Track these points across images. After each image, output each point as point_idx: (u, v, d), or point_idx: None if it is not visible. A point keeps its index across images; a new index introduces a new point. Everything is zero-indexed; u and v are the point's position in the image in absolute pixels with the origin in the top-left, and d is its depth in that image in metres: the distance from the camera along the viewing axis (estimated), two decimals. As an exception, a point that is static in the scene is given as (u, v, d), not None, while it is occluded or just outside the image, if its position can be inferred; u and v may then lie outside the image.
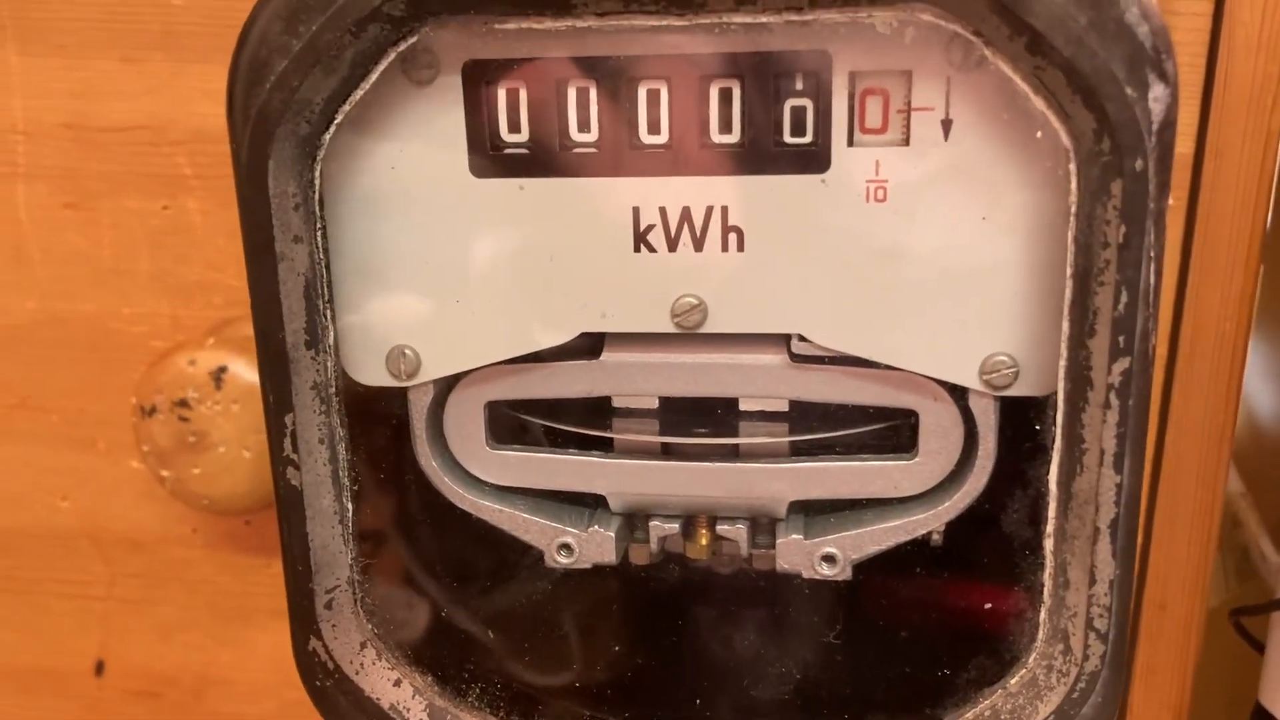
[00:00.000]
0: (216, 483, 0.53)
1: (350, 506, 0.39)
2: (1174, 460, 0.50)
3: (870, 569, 0.40)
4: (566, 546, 0.41)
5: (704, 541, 0.41)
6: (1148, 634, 0.52)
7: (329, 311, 0.37)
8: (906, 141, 0.35)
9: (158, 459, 0.53)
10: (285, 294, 0.36)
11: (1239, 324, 0.48)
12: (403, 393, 0.40)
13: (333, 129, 0.36)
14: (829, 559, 0.39)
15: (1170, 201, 0.32)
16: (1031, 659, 0.37)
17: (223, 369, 0.52)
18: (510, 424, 0.42)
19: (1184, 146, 0.46)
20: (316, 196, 0.36)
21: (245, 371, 0.52)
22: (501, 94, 0.36)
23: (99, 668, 0.63)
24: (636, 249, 0.37)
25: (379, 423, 0.41)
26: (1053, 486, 0.36)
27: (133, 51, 0.52)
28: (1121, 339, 0.33)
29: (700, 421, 0.40)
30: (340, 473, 0.39)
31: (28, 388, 0.58)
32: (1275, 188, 0.47)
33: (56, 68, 0.53)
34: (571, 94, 0.36)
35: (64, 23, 0.52)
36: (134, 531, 0.60)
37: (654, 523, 0.41)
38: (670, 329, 0.38)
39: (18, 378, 0.58)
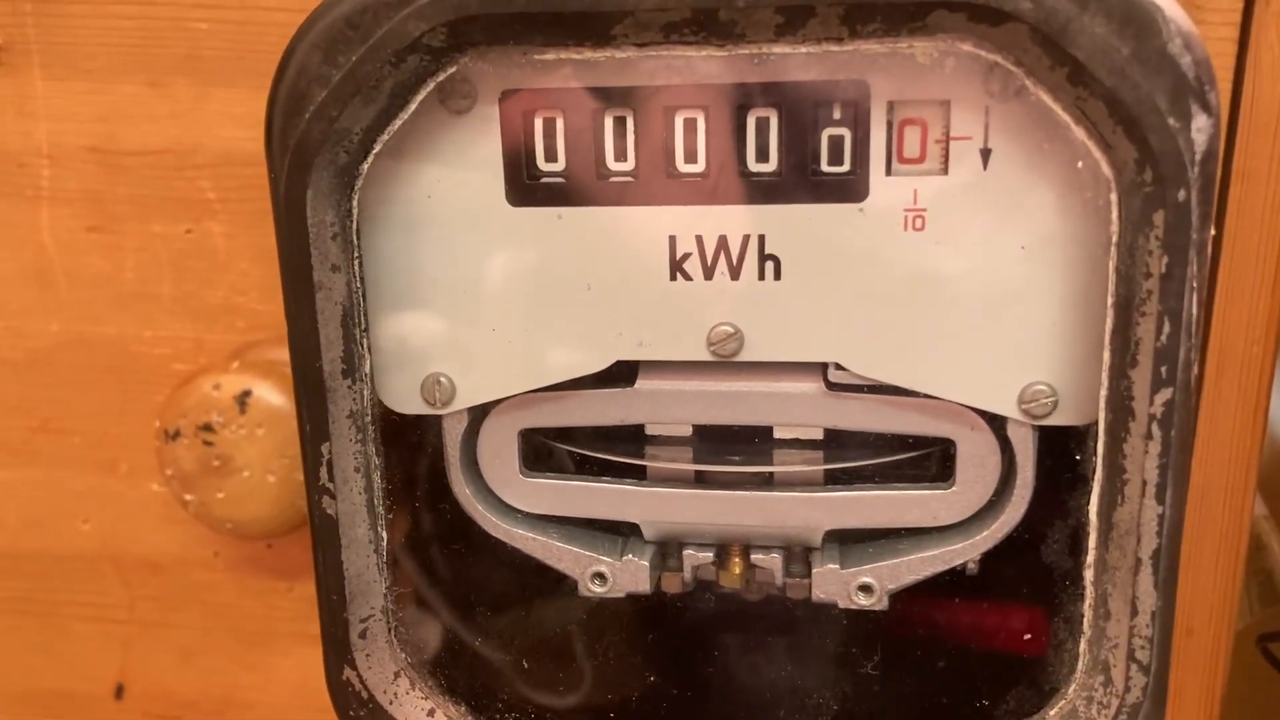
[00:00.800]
0: (241, 507, 0.53)
1: (385, 535, 0.39)
2: (1200, 484, 0.50)
3: (906, 598, 0.40)
4: (600, 575, 0.41)
5: (737, 570, 0.41)
6: (1175, 659, 0.52)
7: (365, 340, 0.37)
8: (945, 170, 0.35)
9: (181, 483, 0.53)
10: (323, 323, 0.36)
11: (1265, 347, 0.48)
12: (437, 421, 0.40)
13: (370, 158, 0.36)
14: (866, 589, 0.39)
15: (1213, 231, 0.32)
16: (1071, 690, 0.37)
17: (247, 393, 0.51)
18: (543, 451, 0.42)
19: (1211, 171, 0.46)
20: (354, 226, 0.36)
21: (270, 395, 0.52)
22: (538, 123, 0.36)
23: (119, 691, 0.63)
24: (673, 277, 0.37)
25: (414, 451, 0.41)
26: (1093, 517, 0.35)
27: (157, 75, 0.52)
28: (1164, 369, 0.33)
29: (735, 450, 0.40)
30: (375, 501, 0.38)
31: (50, 410, 0.58)
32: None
33: (81, 91, 0.53)
34: (608, 123, 0.36)
35: (89, 47, 0.52)
36: (155, 554, 0.60)
37: (687, 551, 0.41)
38: (706, 357, 0.37)
39: (41, 400, 0.58)
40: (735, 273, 0.37)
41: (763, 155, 0.36)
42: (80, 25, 0.52)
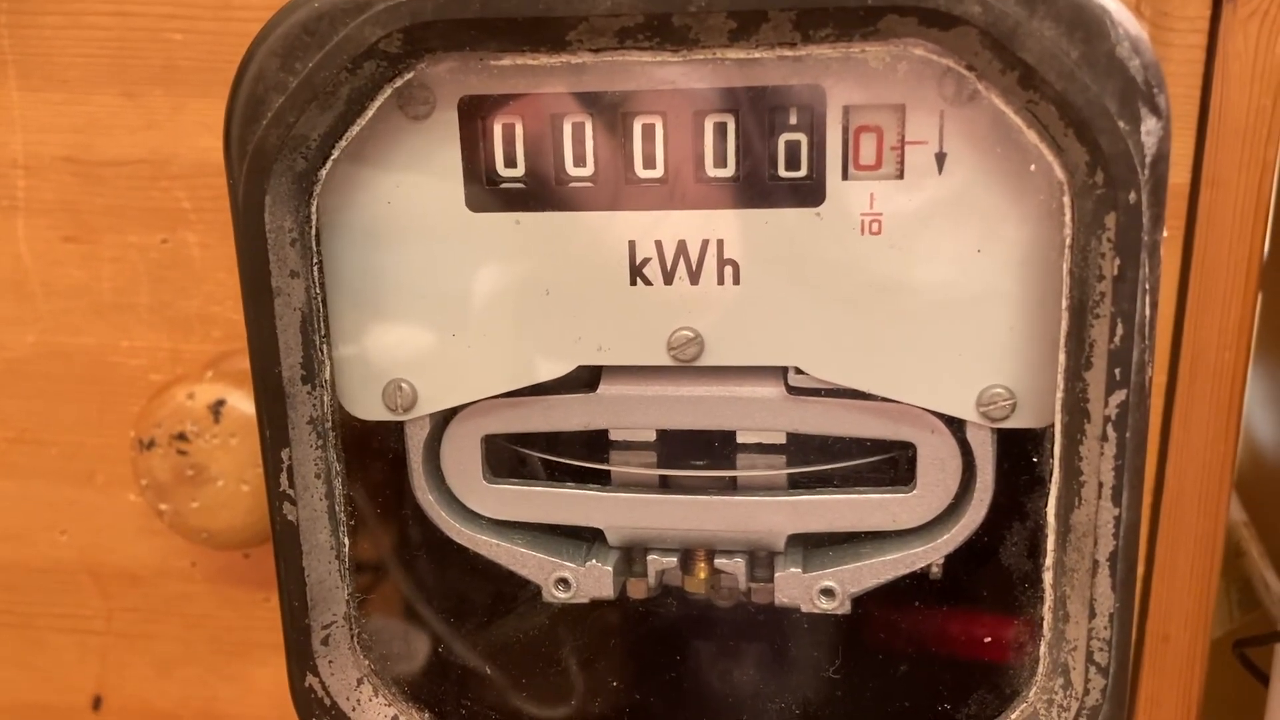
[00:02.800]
0: (215, 516, 0.53)
1: (347, 541, 0.39)
2: (1175, 490, 0.50)
3: (869, 602, 0.40)
4: (564, 581, 0.41)
5: (702, 575, 0.41)
6: (1151, 665, 0.52)
7: (325, 346, 0.38)
8: (901, 175, 0.35)
9: (156, 492, 0.53)
10: (282, 329, 0.36)
11: (1238, 352, 0.48)
12: (399, 427, 0.40)
13: (329, 164, 0.36)
14: (828, 593, 0.39)
15: (1164, 234, 0.32)
16: (1032, 693, 0.37)
17: (221, 402, 0.52)
18: (507, 458, 0.42)
19: (1180, 177, 0.46)
20: (313, 231, 0.36)
21: (243, 405, 0.52)
22: (497, 129, 0.37)
23: (97, 703, 0.62)
24: (633, 282, 0.37)
25: (376, 457, 0.41)
26: (1051, 519, 0.35)
27: (133, 86, 0.52)
28: (1118, 371, 0.33)
29: (698, 454, 0.40)
30: (337, 507, 0.38)
31: (27, 421, 0.58)
32: (1271, 217, 0.47)
33: (58, 102, 0.53)
34: (567, 129, 0.36)
35: (66, 57, 0.53)
36: (132, 565, 0.60)
37: (652, 556, 0.41)
38: (667, 362, 0.38)
39: (17, 411, 0.58)
40: (695, 277, 0.37)
41: (720, 160, 0.36)
42: (56, 36, 0.53)
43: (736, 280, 0.37)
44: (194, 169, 0.53)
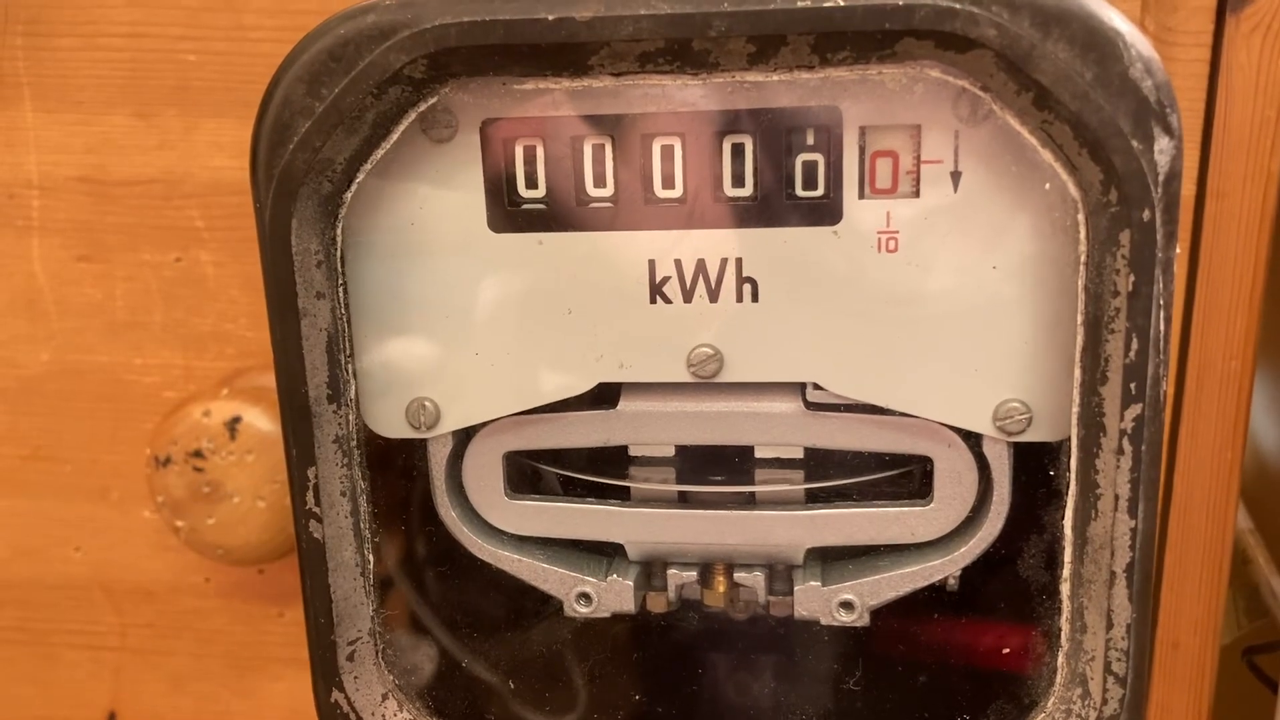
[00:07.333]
0: (231, 533, 0.53)
1: (371, 558, 0.39)
2: (1183, 498, 0.50)
3: (887, 614, 0.40)
4: (585, 595, 0.41)
5: (721, 589, 0.41)
6: (1161, 673, 0.52)
7: (350, 366, 0.38)
8: (917, 193, 0.36)
9: (172, 510, 0.53)
10: (308, 350, 0.36)
11: (1244, 362, 0.49)
12: (423, 444, 0.40)
13: (354, 187, 0.36)
14: (847, 605, 0.40)
15: (1178, 250, 0.33)
16: (1050, 703, 0.37)
17: (237, 419, 0.52)
18: (529, 474, 0.42)
19: (1185, 189, 0.46)
20: (338, 253, 0.37)
21: (259, 421, 0.52)
22: (519, 151, 0.37)
23: (111, 719, 0.63)
24: (653, 300, 0.38)
25: (399, 474, 0.41)
26: (1068, 531, 0.36)
27: (147, 106, 0.53)
28: (1133, 386, 0.33)
29: (717, 470, 0.41)
30: (361, 525, 0.39)
31: (41, 439, 0.59)
32: (1275, 227, 0.47)
33: (72, 123, 0.54)
34: (588, 150, 0.37)
35: (79, 79, 0.53)
36: (146, 581, 0.60)
37: (671, 571, 0.41)
38: (687, 379, 0.38)
39: (32, 429, 0.58)
40: (714, 295, 0.37)
41: (739, 180, 0.37)
42: (70, 58, 0.53)
43: (755, 298, 0.37)
44: (207, 188, 0.54)
